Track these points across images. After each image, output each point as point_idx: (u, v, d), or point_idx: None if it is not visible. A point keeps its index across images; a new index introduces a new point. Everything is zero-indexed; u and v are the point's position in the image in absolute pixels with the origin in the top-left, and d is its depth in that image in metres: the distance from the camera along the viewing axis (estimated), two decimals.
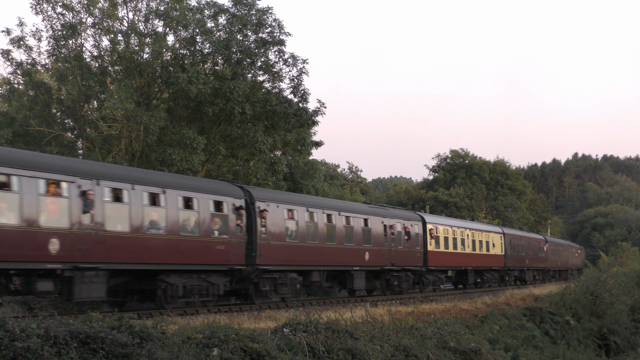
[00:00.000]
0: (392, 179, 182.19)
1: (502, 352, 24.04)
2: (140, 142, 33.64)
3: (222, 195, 25.96)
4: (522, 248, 56.47)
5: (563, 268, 73.84)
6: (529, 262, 58.00)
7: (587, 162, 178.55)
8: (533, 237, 61.79)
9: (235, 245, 25.99)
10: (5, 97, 37.63)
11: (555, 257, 68.61)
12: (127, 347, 12.18)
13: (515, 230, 60.48)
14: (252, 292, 27.78)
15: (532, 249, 59.40)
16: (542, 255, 63.08)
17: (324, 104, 37.97)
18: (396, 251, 36.63)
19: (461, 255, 44.86)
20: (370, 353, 16.61)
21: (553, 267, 68.10)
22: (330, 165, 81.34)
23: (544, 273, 64.99)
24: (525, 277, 57.92)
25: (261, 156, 36.28)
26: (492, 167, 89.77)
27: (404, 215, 38.91)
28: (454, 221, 47.06)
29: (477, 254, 47.03)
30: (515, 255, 54.23)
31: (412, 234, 38.26)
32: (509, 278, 54.22)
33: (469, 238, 45.84)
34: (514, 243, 54.28)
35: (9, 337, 11.13)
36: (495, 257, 50.10)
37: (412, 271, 38.71)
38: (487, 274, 49.68)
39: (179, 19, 33.30)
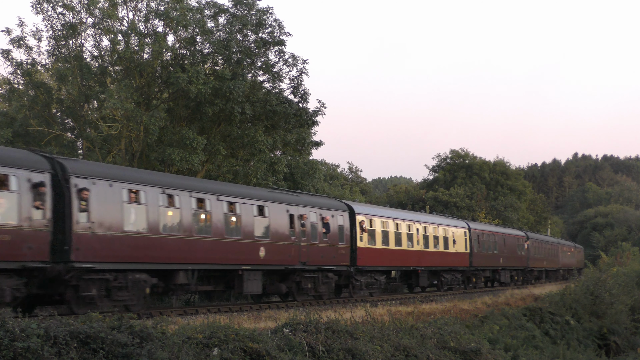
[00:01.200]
0: (392, 179, 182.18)
1: (502, 352, 24.03)
2: (140, 142, 33.65)
3: (9, 167, 19.11)
4: (495, 245, 50.45)
5: (551, 268, 68.95)
6: (504, 261, 52.08)
7: (587, 162, 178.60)
8: (510, 234, 55.61)
9: (29, 235, 19.15)
10: (5, 97, 37.65)
11: (539, 256, 62.75)
12: (127, 347, 12.18)
13: (485, 225, 54.07)
14: (71, 299, 21.15)
15: (508, 246, 53.47)
16: (522, 254, 57.15)
17: (324, 104, 38.06)
18: (309, 247, 30.04)
19: (407, 253, 38.30)
20: (370, 353, 16.61)
21: (537, 266, 62.50)
22: (330, 165, 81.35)
23: (525, 273, 59.17)
24: (500, 278, 52.42)
25: (261, 156, 36.29)
26: (492, 167, 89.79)
27: (321, 204, 32.04)
28: (398, 213, 40.33)
29: (430, 251, 40.54)
30: (484, 253, 48.23)
31: (332, 226, 31.70)
32: (478, 279, 48.64)
33: (419, 233, 39.51)
34: (483, 240, 48.23)
35: (9, 337, 11.13)
36: (457, 256, 43.93)
37: (334, 272, 32.31)
38: (447, 274, 43.37)
39: (179, 19, 33.32)
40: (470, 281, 47.44)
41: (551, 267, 68.45)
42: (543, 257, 64.24)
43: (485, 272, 49.82)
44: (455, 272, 44.45)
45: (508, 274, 53.84)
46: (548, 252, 66.74)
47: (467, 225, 46.90)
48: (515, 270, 56.11)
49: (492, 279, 52.49)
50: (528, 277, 60.20)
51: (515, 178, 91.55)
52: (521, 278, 57.76)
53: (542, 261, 63.94)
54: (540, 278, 65.40)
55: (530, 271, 60.61)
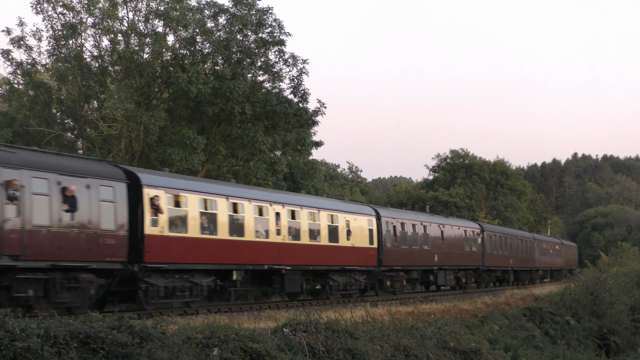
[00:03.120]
0: (392, 179, 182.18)
1: (502, 352, 24.03)
2: (140, 142, 33.66)
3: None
4: (424, 239, 39.38)
5: (522, 267, 57.79)
6: (441, 258, 41.07)
7: (587, 162, 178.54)
8: (452, 224, 44.18)
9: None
10: (5, 97, 37.66)
11: (502, 253, 51.85)
12: (127, 347, 12.18)
13: (406, 213, 41.26)
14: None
15: (449, 240, 42.43)
16: (474, 250, 46.24)
17: (324, 104, 38.10)
18: (23, 232, 18.90)
19: (256, 245, 26.96)
20: (370, 353, 16.60)
21: (499, 265, 51.35)
22: (330, 165, 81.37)
23: (479, 274, 48.50)
24: (437, 280, 41.24)
25: (261, 156, 36.30)
26: (492, 167, 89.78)
27: (57, 166, 20.76)
28: (237, 189, 27.38)
29: (304, 244, 29.61)
30: (405, 249, 37.24)
31: (80, 200, 20.52)
32: (393, 282, 36.82)
33: (281, 219, 28.33)
34: (403, 231, 37.35)
35: (9, 337, 11.12)
36: (358, 252, 33.13)
37: (92, 270, 20.97)
38: (338, 276, 32.23)
39: (179, 19, 33.33)
40: (383, 285, 36.23)
41: (522, 266, 57.22)
42: (508, 255, 53.12)
43: (410, 273, 38.54)
44: (353, 273, 33.33)
45: (451, 275, 42.74)
46: (516, 249, 55.45)
47: (377, 212, 35.57)
48: (464, 270, 45.11)
49: (425, 281, 41.47)
50: (484, 278, 49.43)
51: (515, 178, 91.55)
52: (472, 280, 46.96)
53: (506, 259, 52.85)
54: (506, 280, 54.94)
55: (487, 271, 49.74)
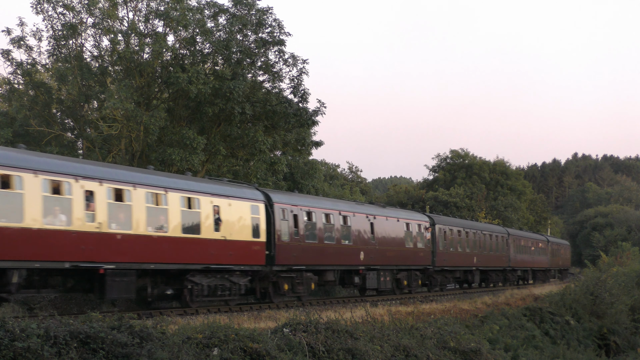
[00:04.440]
0: (392, 179, 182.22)
1: (502, 352, 24.04)
2: (140, 142, 33.67)
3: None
4: (344, 232, 32.37)
5: (497, 267, 51.23)
6: (370, 257, 33.91)
7: (587, 162, 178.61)
8: (385, 215, 36.38)
9: None
10: (6, 97, 37.66)
11: (465, 251, 45.33)
12: (127, 347, 12.19)
13: (315, 200, 32.67)
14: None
15: (383, 235, 35.42)
16: (420, 247, 39.04)
17: (324, 103, 38.05)
18: None
19: (46, 236, 19.73)
20: (370, 353, 16.61)
21: (458, 265, 44.34)
22: (330, 165, 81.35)
23: (429, 276, 41.33)
24: (365, 282, 34.13)
25: (261, 156, 36.31)
26: (492, 167, 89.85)
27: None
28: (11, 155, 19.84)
29: (139, 235, 22.36)
30: (310, 245, 30.07)
31: None
32: (295, 285, 29.50)
33: (96, 200, 21.10)
34: (310, 222, 30.28)
35: (9, 337, 11.13)
36: (233, 247, 25.93)
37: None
38: (203, 278, 25.06)
39: (179, 19, 33.33)
40: (278, 288, 29.04)
41: (491, 265, 49.84)
42: (471, 252, 46.16)
43: (323, 274, 31.61)
44: (232, 275, 26.43)
45: (387, 276, 35.70)
46: (483, 245, 48.35)
47: (266, 197, 28.47)
48: (407, 271, 38.23)
49: (350, 283, 34.16)
50: (437, 280, 42.27)
51: (515, 178, 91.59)
52: (419, 283, 39.79)
53: (467, 257, 45.68)
54: (469, 282, 48.25)
55: (442, 272, 42.79)
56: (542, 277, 64.78)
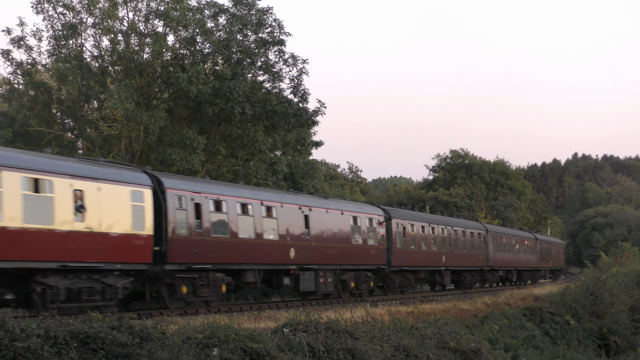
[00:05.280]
0: (392, 179, 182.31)
1: (502, 352, 24.03)
2: (140, 142, 33.68)
3: None
4: (267, 226, 27.82)
5: (472, 267, 46.42)
6: (302, 254, 29.46)
7: (587, 162, 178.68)
8: (325, 207, 31.67)
9: None
10: (5, 97, 37.68)
11: (430, 249, 40.42)
12: (127, 347, 12.18)
13: (226, 187, 27.51)
14: None
15: (322, 230, 30.97)
16: (372, 244, 34.41)
17: (324, 103, 38.09)
18: None
19: None
20: (370, 353, 16.60)
21: (422, 265, 39.58)
22: (330, 165, 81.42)
23: (385, 277, 36.42)
24: (299, 284, 29.47)
25: (261, 156, 36.32)
26: (492, 167, 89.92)
27: None
28: None
29: None
30: (216, 240, 25.19)
31: None
32: (199, 288, 24.65)
33: None
34: (219, 212, 25.63)
35: (9, 337, 11.12)
36: (105, 241, 21.39)
37: None
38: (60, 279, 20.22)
39: (179, 19, 33.35)
40: (174, 292, 24.29)
41: (465, 265, 45.45)
42: (438, 250, 41.44)
43: (242, 275, 26.97)
44: (106, 276, 21.80)
45: (330, 278, 31.21)
46: (454, 243, 43.71)
47: (155, 181, 23.63)
48: (356, 271, 33.45)
49: (279, 285, 29.39)
50: (393, 281, 37.03)
51: (515, 178, 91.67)
52: (371, 285, 34.94)
53: (433, 256, 40.85)
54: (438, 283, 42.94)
55: (400, 272, 37.54)
56: (529, 278, 60.00)
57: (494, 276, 51.41)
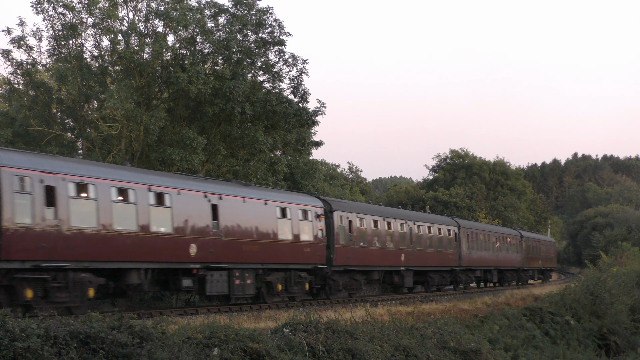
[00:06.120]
0: (392, 179, 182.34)
1: (502, 352, 24.02)
2: (140, 142, 33.67)
3: None
4: (159, 217, 23.53)
5: (440, 267, 42.08)
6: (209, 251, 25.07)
7: (587, 162, 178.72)
8: (242, 196, 27.20)
9: None
10: (6, 97, 37.67)
11: (388, 247, 36.35)
12: (127, 347, 12.18)
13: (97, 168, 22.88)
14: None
15: (234, 222, 26.46)
16: (306, 241, 30.16)
17: (324, 103, 38.07)
18: None
19: None
20: (370, 353, 16.60)
21: (374, 264, 35.36)
22: (330, 165, 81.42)
23: (325, 278, 32.09)
24: (206, 287, 25.21)
25: (261, 156, 36.30)
26: (492, 167, 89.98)
27: None
28: None
29: None
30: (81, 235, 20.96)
31: None
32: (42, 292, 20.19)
33: None
34: (80, 200, 21.14)
35: (9, 337, 11.12)
36: None
37: None
38: None
39: (179, 19, 33.33)
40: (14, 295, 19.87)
41: (430, 264, 41.02)
42: (396, 248, 37.13)
43: (125, 276, 22.57)
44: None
45: (249, 279, 27.10)
46: (417, 240, 39.18)
47: None
48: (286, 271, 29.46)
49: (176, 288, 24.88)
50: (337, 284, 32.77)
51: (515, 178, 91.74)
52: (305, 287, 30.67)
53: (390, 255, 36.54)
54: (398, 284, 38.55)
55: (344, 273, 33.31)
56: (514, 279, 55.81)
57: (468, 277, 47.31)
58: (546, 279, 64.90)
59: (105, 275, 21.93)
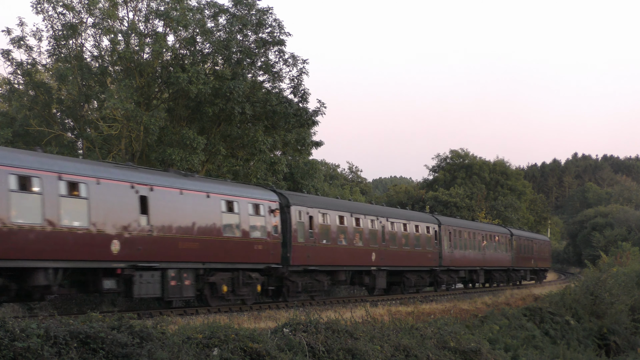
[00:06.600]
0: (392, 179, 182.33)
1: (502, 352, 24.02)
2: (140, 142, 33.68)
3: None
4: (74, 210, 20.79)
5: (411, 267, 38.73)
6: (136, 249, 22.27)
7: (587, 162, 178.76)
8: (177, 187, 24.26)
9: None
10: (6, 97, 37.67)
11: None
12: (127, 347, 12.18)
13: None
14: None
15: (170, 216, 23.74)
16: (257, 238, 27.41)
17: (324, 103, 38.05)
18: None
19: None
20: (370, 353, 16.60)
21: (331, 263, 31.95)
22: (330, 165, 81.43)
23: (281, 279, 29.35)
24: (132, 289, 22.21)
25: (261, 156, 36.30)
26: (492, 167, 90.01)
27: None
28: None
29: None
30: None
31: None
32: None
33: None
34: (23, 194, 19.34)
35: (9, 337, 11.12)
36: None
37: None
38: None
39: (179, 19, 33.34)
40: None
41: (406, 264, 38.30)
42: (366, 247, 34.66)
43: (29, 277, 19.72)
44: None
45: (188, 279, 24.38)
46: (390, 238, 36.48)
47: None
48: (234, 271, 26.67)
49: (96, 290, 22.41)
50: (296, 285, 29.92)
51: (515, 178, 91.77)
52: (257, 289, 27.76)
53: (359, 254, 33.91)
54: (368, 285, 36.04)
55: (304, 273, 30.55)
56: (503, 280, 52.76)
57: (451, 277, 44.27)
58: (540, 280, 62.48)
59: (4, 275, 19.05)
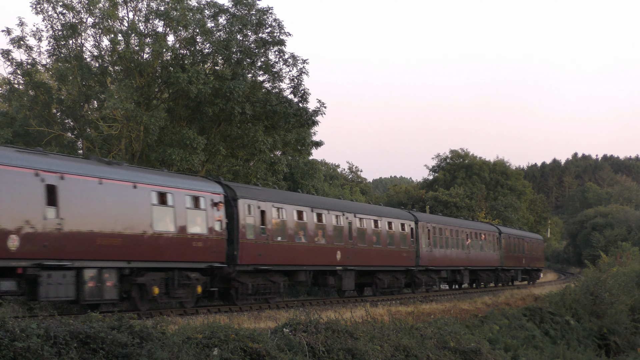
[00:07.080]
0: (392, 179, 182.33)
1: (502, 352, 24.02)
2: (140, 142, 33.67)
3: None
4: None
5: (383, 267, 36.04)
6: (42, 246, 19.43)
7: (587, 162, 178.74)
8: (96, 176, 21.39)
9: None
10: (6, 97, 37.66)
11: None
12: (127, 347, 12.18)
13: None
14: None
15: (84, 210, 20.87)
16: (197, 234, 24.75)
17: (324, 103, 38.05)
18: None
19: None
20: (370, 353, 16.60)
21: (288, 262, 29.38)
22: (330, 165, 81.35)
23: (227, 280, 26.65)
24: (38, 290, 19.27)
25: (261, 156, 36.30)
26: (492, 167, 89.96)
27: None
28: None
29: None
30: None
31: None
32: None
33: None
34: None
35: (9, 337, 11.13)
36: None
37: None
38: None
39: (179, 19, 33.34)
40: None
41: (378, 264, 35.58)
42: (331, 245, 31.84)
43: None
44: None
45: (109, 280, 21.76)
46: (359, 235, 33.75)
47: None
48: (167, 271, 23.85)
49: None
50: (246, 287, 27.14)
51: (515, 178, 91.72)
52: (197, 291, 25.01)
53: (322, 253, 31.20)
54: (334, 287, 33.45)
55: (255, 273, 27.79)
56: (491, 280, 50.18)
57: (431, 278, 41.27)
58: (533, 280, 59.33)
59: None
